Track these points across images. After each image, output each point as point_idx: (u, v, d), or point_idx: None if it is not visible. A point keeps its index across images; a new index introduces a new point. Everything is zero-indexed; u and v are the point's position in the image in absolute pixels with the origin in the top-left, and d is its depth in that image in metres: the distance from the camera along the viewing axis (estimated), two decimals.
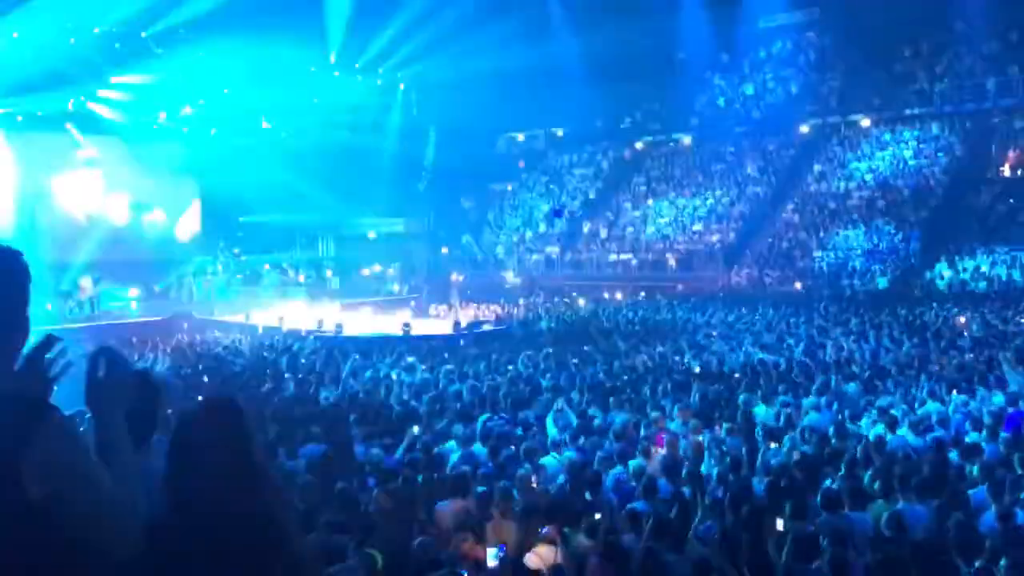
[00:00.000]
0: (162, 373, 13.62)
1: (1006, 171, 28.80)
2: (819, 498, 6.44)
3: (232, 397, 2.48)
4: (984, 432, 8.49)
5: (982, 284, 24.25)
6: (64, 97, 26.84)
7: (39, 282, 2.06)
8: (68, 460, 1.77)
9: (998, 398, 10.12)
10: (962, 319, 17.79)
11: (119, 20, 25.31)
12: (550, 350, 15.45)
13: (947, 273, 25.43)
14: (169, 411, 3.14)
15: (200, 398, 11.52)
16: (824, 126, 33.90)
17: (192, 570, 2.14)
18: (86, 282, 24.35)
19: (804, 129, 34.24)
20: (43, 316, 22.15)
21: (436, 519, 6.48)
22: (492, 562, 5.39)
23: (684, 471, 7.44)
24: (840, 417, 9.60)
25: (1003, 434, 8.39)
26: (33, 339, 1.98)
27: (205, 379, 13.52)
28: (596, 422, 9.59)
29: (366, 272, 33.51)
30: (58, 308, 22.82)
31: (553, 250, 34.75)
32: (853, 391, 11.08)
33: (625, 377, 12.74)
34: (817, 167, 32.71)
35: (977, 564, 5.14)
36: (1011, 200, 27.26)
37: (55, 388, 1.95)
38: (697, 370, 13.25)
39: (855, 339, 15.98)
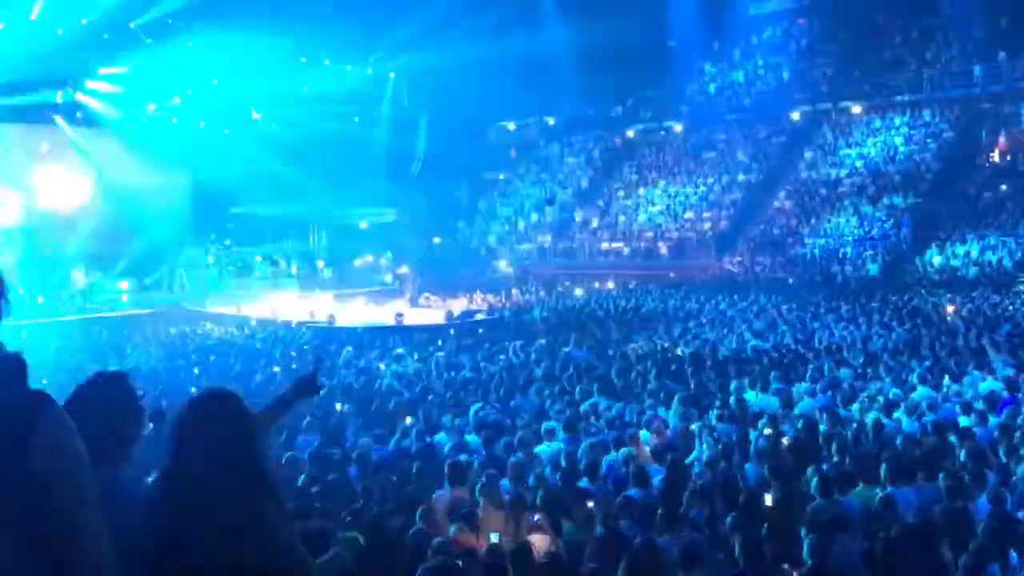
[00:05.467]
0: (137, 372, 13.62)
1: (996, 157, 28.89)
2: (811, 483, 6.47)
3: (233, 392, 2.45)
4: (973, 416, 8.53)
5: (972, 270, 24.34)
6: (52, 89, 26.65)
7: (31, 275, 2.11)
8: (68, 443, 1.96)
9: (987, 383, 10.17)
10: (951, 308, 17.77)
11: (107, 10, 25.06)
12: (543, 340, 15.46)
13: (938, 259, 25.51)
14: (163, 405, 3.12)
15: (193, 389, 11.53)
16: (815, 113, 33.88)
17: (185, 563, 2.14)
18: (78, 274, 24.23)
19: (795, 116, 34.23)
20: (35, 309, 22.08)
21: (431, 508, 6.50)
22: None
23: (674, 458, 7.46)
24: (833, 403, 9.64)
25: (993, 419, 8.44)
26: None
27: (196, 371, 13.52)
28: (587, 410, 9.61)
29: (359, 262, 33.40)
30: (49, 301, 22.73)
31: (545, 239, 34.73)
32: (845, 377, 11.13)
33: (618, 365, 12.75)
34: (808, 154, 32.73)
35: (967, 547, 5.18)
36: (1001, 186, 27.35)
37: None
38: (690, 357, 13.27)
39: (847, 325, 16.03)
